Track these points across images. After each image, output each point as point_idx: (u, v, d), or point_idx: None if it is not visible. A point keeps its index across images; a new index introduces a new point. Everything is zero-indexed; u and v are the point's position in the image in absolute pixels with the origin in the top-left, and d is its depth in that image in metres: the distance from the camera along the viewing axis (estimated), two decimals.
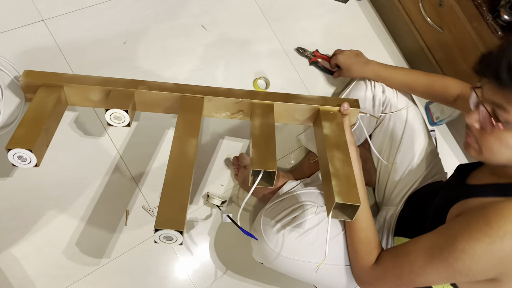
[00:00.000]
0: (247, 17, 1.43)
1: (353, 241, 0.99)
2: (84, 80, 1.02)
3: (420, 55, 1.57)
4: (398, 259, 0.88)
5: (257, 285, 1.20)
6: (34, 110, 0.94)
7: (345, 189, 0.87)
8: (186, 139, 0.94)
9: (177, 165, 0.90)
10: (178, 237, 0.80)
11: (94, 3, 1.23)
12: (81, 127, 1.13)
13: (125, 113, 0.96)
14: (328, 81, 1.47)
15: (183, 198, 0.84)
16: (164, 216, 0.81)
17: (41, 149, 0.91)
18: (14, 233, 1.01)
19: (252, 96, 1.08)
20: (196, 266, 1.15)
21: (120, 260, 1.08)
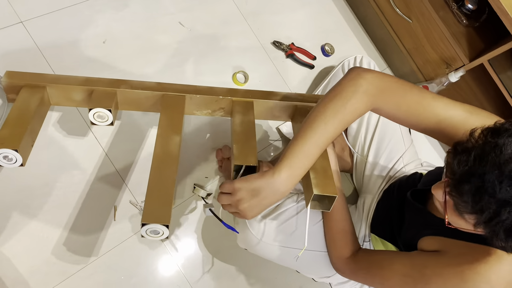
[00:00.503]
0: (223, 13, 1.46)
1: (330, 232, 1.04)
2: (67, 80, 1.04)
3: (391, 45, 1.64)
4: (373, 267, 0.92)
5: (243, 271, 1.25)
6: (18, 110, 0.95)
7: (322, 181, 0.90)
8: (169, 136, 0.98)
9: (161, 162, 0.93)
10: (165, 231, 0.83)
11: (71, 4, 1.24)
12: (65, 126, 1.15)
13: (108, 112, 0.99)
14: (305, 73, 1.52)
15: (168, 194, 0.88)
16: (151, 211, 0.84)
17: (26, 148, 0.93)
18: (3, 233, 1.03)
19: (232, 94, 1.11)
20: (185, 256, 1.19)
21: (110, 254, 1.11)
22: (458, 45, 1.42)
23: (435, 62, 1.52)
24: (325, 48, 1.56)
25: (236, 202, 0.85)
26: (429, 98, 0.81)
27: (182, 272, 1.17)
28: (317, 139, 0.84)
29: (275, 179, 0.83)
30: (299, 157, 0.84)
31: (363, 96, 0.83)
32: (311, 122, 0.85)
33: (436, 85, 1.52)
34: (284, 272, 1.27)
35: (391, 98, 0.83)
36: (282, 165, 0.84)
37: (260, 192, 0.84)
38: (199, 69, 1.35)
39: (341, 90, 0.85)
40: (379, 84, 0.83)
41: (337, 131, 0.85)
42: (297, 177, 0.85)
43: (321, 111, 0.85)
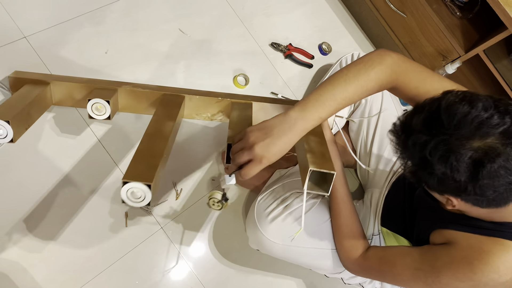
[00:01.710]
0: (221, 17, 1.48)
1: (338, 235, 1.05)
2: (70, 79, 1.07)
3: (387, 40, 1.66)
4: (384, 264, 0.94)
5: (255, 270, 1.27)
6: (18, 95, 0.99)
7: (319, 160, 0.85)
8: (163, 121, 0.97)
9: (152, 137, 0.91)
10: (146, 193, 0.78)
11: (72, 17, 1.27)
12: (76, 139, 1.17)
13: (106, 103, 0.99)
14: (304, 72, 1.54)
15: (155, 159, 0.84)
16: (134, 171, 0.79)
17: (19, 126, 0.94)
18: (18, 243, 1.05)
19: (232, 97, 1.12)
20: (197, 258, 1.21)
21: (124, 259, 1.13)
22: (453, 37, 1.44)
23: (431, 55, 1.54)
24: (322, 47, 1.59)
25: (250, 145, 0.79)
26: (449, 86, 0.81)
27: (195, 273, 1.19)
28: (335, 93, 0.83)
29: (287, 115, 0.82)
30: (314, 104, 0.83)
31: (388, 70, 0.85)
32: (331, 79, 0.85)
33: None
34: (295, 270, 1.29)
35: (412, 80, 0.85)
36: (295, 106, 0.83)
37: (272, 130, 0.80)
38: (201, 74, 1.38)
39: (367, 59, 0.86)
40: (403, 64, 0.86)
41: (356, 94, 0.84)
42: (310, 121, 0.82)
43: (343, 72, 0.85)
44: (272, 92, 1.46)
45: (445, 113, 0.64)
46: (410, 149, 0.68)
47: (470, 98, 0.64)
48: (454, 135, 0.63)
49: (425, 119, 0.66)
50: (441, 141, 0.64)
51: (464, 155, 0.62)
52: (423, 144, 0.65)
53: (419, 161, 0.67)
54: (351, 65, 0.87)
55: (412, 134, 0.67)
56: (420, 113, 0.68)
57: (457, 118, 0.63)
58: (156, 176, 0.80)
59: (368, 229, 1.15)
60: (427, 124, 0.66)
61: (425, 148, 0.65)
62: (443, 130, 0.64)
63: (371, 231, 1.15)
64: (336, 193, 1.04)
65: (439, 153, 0.64)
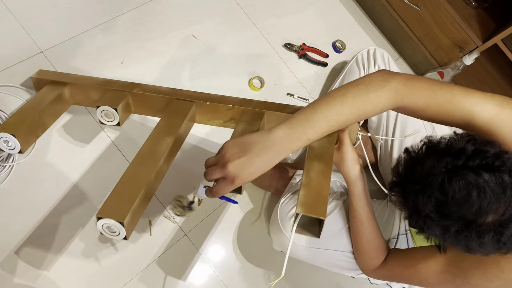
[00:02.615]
0: (233, 21, 1.48)
1: (356, 250, 1.03)
2: (87, 80, 1.09)
3: (401, 34, 1.64)
4: (406, 270, 0.92)
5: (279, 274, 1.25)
6: (32, 103, 1.01)
7: (311, 200, 0.77)
8: (161, 137, 0.95)
9: (142, 159, 0.89)
10: (121, 230, 0.76)
11: (86, 29, 1.28)
12: (96, 147, 1.18)
13: (114, 111, 1.00)
14: (319, 71, 1.53)
15: (134, 193, 0.81)
16: (110, 206, 0.78)
17: (28, 137, 0.96)
18: (46, 256, 1.06)
19: (245, 104, 1.08)
20: (222, 263, 1.21)
21: (150, 268, 1.13)
22: (469, 28, 1.42)
23: (448, 47, 1.52)
24: (336, 44, 1.58)
25: (224, 161, 0.72)
26: (460, 95, 0.78)
27: (220, 278, 1.19)
28: (328, 115, 0.76)
29: (270, 134, 0.74)
30: (303, 123, 0.76)
31: (391, 92, 0.79)
32: (328, 98, 0.78)
33: (451, 70, 1.52)
34: (320, 271, 1.28)
35: (420, 98, 0.80)
36: (281, 124, 0.76)
37: (252, 147, 0.73)
38: (216, 78, 1.38)
39: (369, 80, 0.80)
40: (409, 84, 0.80)
41: (352, 117, 0.78)
42: (295, 142, 0.75)
43: (341, 91, 0.78)
44: (288, 93, 1.45)
45: (454, 204, 0.65)
46: (425, 228, 0.70)
47: (476, 183, 0.64)
48: (468, 218, 0.65)
49: (437, 207, 0.67)
50: (460, 228, 0.66)
51: (487, 234, 0.65)
52: (441, 229, 0.68)
53: (440, 237, 0.70)
54: (350, 84, 0.80)
55: (425, 217, 0.69)
56: (425, 195, 0.67)
57: (467, 206, 0.64)
58: (131, 212, 0.78)
59: (393, 229, 1.13)
60: (440, 210, 0.67)
61: (446, 233, 0.68)
62: (456, 215, 0.65)
63: (397, 230, 1.13)
64: (355, 213, 0.99)
65: (462, 240, 0.67)
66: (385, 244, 1.01)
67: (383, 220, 1.15)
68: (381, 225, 1.11)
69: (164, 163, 0.92)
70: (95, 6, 1.32)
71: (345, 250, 1.05)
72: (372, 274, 1.00)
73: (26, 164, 1.11)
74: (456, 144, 0.69)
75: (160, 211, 1.18)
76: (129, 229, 0.78)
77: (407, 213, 0.73)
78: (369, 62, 1.29)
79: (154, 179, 0.87)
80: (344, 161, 0.95)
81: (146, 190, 0.84)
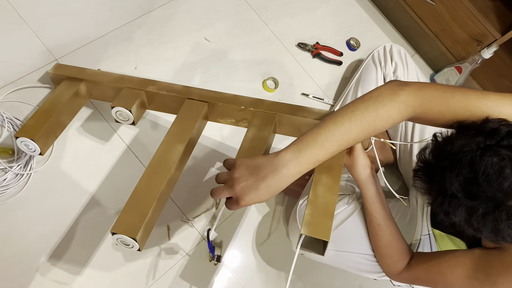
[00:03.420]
0: (245, 23, 1.47)
1: (377, 253, 1.01)
2: (103, 76, 1.11)
3: (416, 30, 1.61)
4: (431, 275, 0.89)
5: (301, 276, 1.24)
6: (50, 103, 1.03)
7: (316, 220, 0.78)
8: (173, 144, 0.95)
9: (154, 170, 0.90)
10: (134, 244, 0.80)
11: (99, 36, 1.28)
12: (111, 154, 1.18)
13: (128, 112, 1.02)
14: (334, 70, 1.51)
15: (146, 207, 0.83)
16: (123, 221, 0.81)
17: (46, 139, 1.00)
18: (64, 265, 1.06)
19: (257, 105, 1.06)
20: (241, 267, 1.19)
21: (170, 273, 1.12)
22: (487, 20, 1.38)
23: (465, 41, 1.48)
24: (350, 42, 1.55)
25: (234, 180, 0.73)
26: (475, 99, 0.75)
27: (240, 283, 1.18)
28: (337, 134, 0.75)
29: (278, 158, 0.74)
30: (311, 144, 0.74)
31: (400, 105, 0.76)
32: (335, 116, 0.77)
33: (469, 64, 1.48)
34: (342, 273, 1.26)
35: (433, 107, 0.77)
36: (289, 147, 0.75)
37: (260, 171, 0.73)
38: (229, 81, 1.37)
39: (377, 94, 0.78)
40: (420, 94, 0.77)
41: (362, 134, 0.76)
42: (304, 165, 0.74)
43: (350, 109, 0.77)
44: (303, 93, 1.43)
45: (484, 181, 0.62)
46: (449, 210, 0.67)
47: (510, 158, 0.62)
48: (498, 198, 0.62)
49: (465, 185, 0.64)
50: (488, 208, 0.63)
51: None
52: (467, 210, 0.65)
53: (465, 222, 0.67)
54: (359, 100, 0.78)
55: (451, 197, 0.66)
56: (453, 173, 0.65)
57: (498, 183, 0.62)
58: (144, 227, 0.80)
59: (417, 230, 1.10)
60: (467, 189, 0.64)
61: (472, 215, 0.64)
62: (485, 195, 0.63)
63: (420, 231, 1.10)
64: (371, 217, 0.97)
65: (489, 223, 0.64)
66: (406, 246, 0.98)
67: (406, 221, 1.12)
68: (404, 226, 1.09)
69: (176, 170, 0.93)
70: (107, 13, 1.32)
71: (367, 253, 1.03)
72: (396, 277, 0.97)
73: (43, 172, 1.11)
74: (489, 125, 0.67)
75: (178, 216, 1.18)
76: (142, 242, 0.81)
77: (431, 198, 0.70)
78: (385, 59, 1.27)
79: (166, 188, 0.89)
80: (355, 166, 0.93)
81: (158, 201, 0.86)
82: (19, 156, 1.08)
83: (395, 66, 1.25)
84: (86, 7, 1.30)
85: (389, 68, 1.25)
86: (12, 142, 1.10)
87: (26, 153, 1.07)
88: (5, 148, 1.09)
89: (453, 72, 1.56)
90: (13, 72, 1.17)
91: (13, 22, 1.22)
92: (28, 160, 1.09)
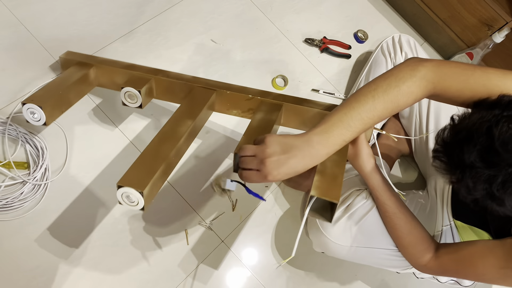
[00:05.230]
0: (251, 22, 1.46)
1: (399, 245, 0.99)
2: (113, 63, 1.12)
3: (424, 18, 1.59)
4: (461, 265, 0.87)
5: (322, 274, 1.23)
6: (58, 80, 1.06)
7: (325, 185, 0.79)
8: (182, 119, 0.97)
9: (164, 138, 0.91)
10: (140, 200, 0.78)
11: (107, 44, 1.28)
12: (126, 161, 1.18)
13: (137, 93, 1.03)
14: (343, 63, 1.50)
15: (155, 166, 0.83)
16: (131, 176, 0.80)
17: (53, 110, 1.00)
18: (85, 273, 1.06)
19: (264, 96, 1.08)
20: (262, 267, 1.19)
21: (190, 277, 1.12)
22: (497, 4, 1.36)
23: (475, 26, 1.46)
24: (358, 35, 1.54)
25: (265, 154, 0.73)
26: (495, 79, 0.74)
27: (261, 283, 1.17)
28: (361, 112, 0.76)
29: (308, 139, 0.75)
30: (338, 125, 0.76)
31: (421, 81, 0.77)
32: (358, 95, 0.78)
33: (481, 50, 1.46)
34: (364, 268, 1.25)
35: (452, 84, 0.77)
36: (317, 128, 0.76)
37: (291, 149, 0.74)
38: (239, 80, 1.36)
39: (398, 71, 0.79)
40: (439, 71, 0.77)
41: (386, 111, 0.77)
42: (331, 145, 0.76)
43: (372, 87, 0.78)
44: (313, 89, 1.42)
45: (501, 146, 0.61)
46: (469, 183, 0.65)
47: None
48: None
49: (482, 154, 0.63)
50: (508, 175, 0.61)
51: None
52: (487, 180, 0.63)
53: (484, 194, 0.65)
54: (379, 78, 0.79)
55: (470, 168, 0.64)
56: (470, 143, 0.64)
57: None
58: (151, 183, 0.80)
59: (437, 222, 1.08)
60: (485, 157, 0.63)
61: (492, 184, 0.63)
62: (504, 162, 0.61)
63: (441, 222, 1.08)
64: (385, 207, 0.96)
65: (509, 189, 0.62)
66: (428, 234, 0.96)
67: (426, 212, 1.11)
68: (425, 218, 1.07)
69: (184, 143, 0.94)
70: (113, 20, 1.32)
71: (389, 248, 1.01)
72: (424, 269, 0.95)
73: (59, 183, 1.11)
74: (505, 98, 0.67)
75: (195, 220, 1.17)
76: (148, 200, 0.80)
77: (451, 175, 0.68)
78: (395, 50, 1.25)
79: (173, 156, 0.89)
80: (359, 155, 0.92)
81: (165, 166, 0.86)
82: (34, 169, 1.08)
83: (405, 56, 1.23)
84: (91, 16, 1.31)
85: (399, 58, 1.23)
86: (26, 156, 1.10)
87: (41, 164, 1.08)
88: (20, 162, 1.09)
89: (464, 58, 1.53)
90: (24, 85, 1.17)
91: (21, 36, 1.22)
92: (44, 172, 1.09)
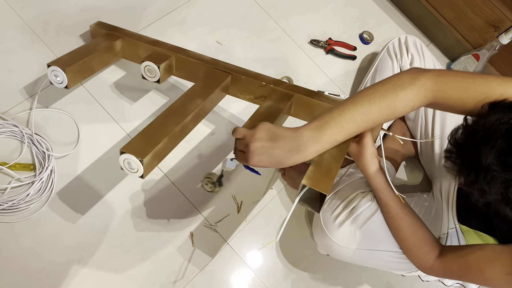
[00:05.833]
0: (256, 23, 1.46)
1: (403, 247, 0.98)
2: (138, 37, 1.18)
3: (430, 19, 1.58)
4: (467, 269, 0.86)
5: (327, 276, 1.23)
6: (85, 47, 1.11)
7: (317, 175, 0.79)
8: (194, 97, 1.00)
9: (172, 113, 0.95)
10: (139, 168, 0.83)
11: None
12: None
13: (156, 68, 1.06)
14: (349, 65, 1.49)
15: (159, 137, 0.88)
16: (134, 144, 0.85)
17: (75, 75, 1.05)
18: (91, 275, 1.07)
19: (277, 84, 1.10)
20: (267, 270, 1.18)
21: (196, 280, 1.12)
22: (503, 5, 1.35)
23: (481, 28, 1.45)
24: (363, 36, 1.53)
25: (252, 139, 0.76)
26: (496, 86, 0.73)
27: (267, 286, 1.17)
28: (356, 115, 0.76)
29: (299, 134, 0.76)
30: (331, 123, 0.76)
31: (420, 89, 0.77)
32: (356, 98, 0.78)
33: (487, 51, 1.45)
34: (369, 271, 1.25)
35: (453, 93, 0.76)
36: (310, 124, 0.77)
37: (278, 139, 0.75)
38: None
39: (397, 78, 0.78)
40: (439, 79, 0.77)
41: (381, 116, 0.77)
42: (321, 143, 0.77)
43: (370, 91, 0.78)
44: (318, 91, 1.41)
45: None
46: (483, 186, 0.64)
47: None
48: None
49: (500, 156, 0.62)
50: None
51: None
52: (503, 184, 0.62)
53: (499, 199, 0.64)
54: (379, 83, 0.79)
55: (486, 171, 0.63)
56: (487, 145, 0.63)
57: None
58: (152, 153, 0.84)
59: (443, 224, 1.08)
60: (503, 160, 0.62)
61: (508, 188, 0.62)
62: None
63: (446, 225, 1.07)
64: (388, 208, 0.95)
65: None
66: (432, 236, 0.96)
67: (431, 215, 1.10)
68: (430, 220, 1.06)
69: (191, 121, 0.97)
70: (117, 23, 1.31)
71: (394, 250, 1.01)
72: (429, 271, 0.95)
73: (66, 185, 1.11)
74: None
75: (201, 222, 1.17)
76: (147, 169, 0.84)
77: (464, 177, 0.68)
78: (401, 51, 1.25)
79: (178, 131, 0.93)
80: (363, 154, 0.91)
81: (168, 139, 0.89)
82: (40, 171, 1.09)
83: (411, 57, 1.22)
84: (93, 18, 1.30)
85: (405, 60, 1.22)
86: (32, 157, 1.11)
87: (47, 166, 1.08)
88: (26, 164, 1.09)
89: (471, 60, 1.52)
90: (31, 88, 1.17)
91: (27, 38, 1.22)
92: (50, 174, 1.09)
